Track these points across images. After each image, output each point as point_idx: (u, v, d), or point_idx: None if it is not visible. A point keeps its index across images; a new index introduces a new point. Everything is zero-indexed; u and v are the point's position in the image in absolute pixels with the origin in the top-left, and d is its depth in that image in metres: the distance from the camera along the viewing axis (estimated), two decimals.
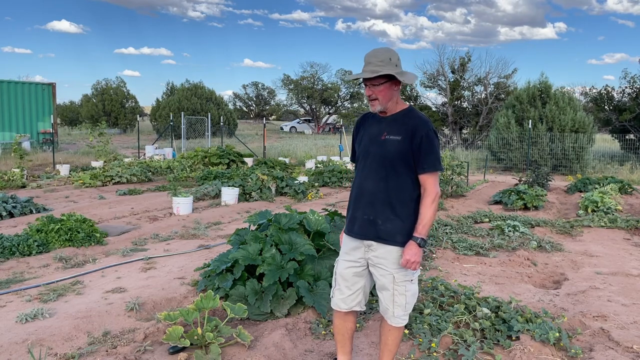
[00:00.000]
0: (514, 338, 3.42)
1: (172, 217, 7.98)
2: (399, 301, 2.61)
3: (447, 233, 6.79)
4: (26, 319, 3.64)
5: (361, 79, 2.56)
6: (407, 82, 2.50)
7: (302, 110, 52.59)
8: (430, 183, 2.52)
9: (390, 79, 2.52)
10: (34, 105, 20.99)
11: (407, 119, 2.57)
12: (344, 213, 3.34)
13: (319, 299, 3.79)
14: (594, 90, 23.89)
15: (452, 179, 10.45)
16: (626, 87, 22.22)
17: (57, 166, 13.82)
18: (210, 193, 10.00)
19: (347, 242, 2.73)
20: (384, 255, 2.59)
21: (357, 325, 3.60)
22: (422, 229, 2.52)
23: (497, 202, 9.89)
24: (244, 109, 58.61)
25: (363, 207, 2.61)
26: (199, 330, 3.21)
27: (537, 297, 4.48)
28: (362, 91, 39.67)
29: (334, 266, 2.84)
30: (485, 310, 3.67)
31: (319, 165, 15.76)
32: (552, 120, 17.41)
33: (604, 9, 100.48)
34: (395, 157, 2.52)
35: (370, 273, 2.70)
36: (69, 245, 5.82)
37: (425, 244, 2.55)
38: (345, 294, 2.71)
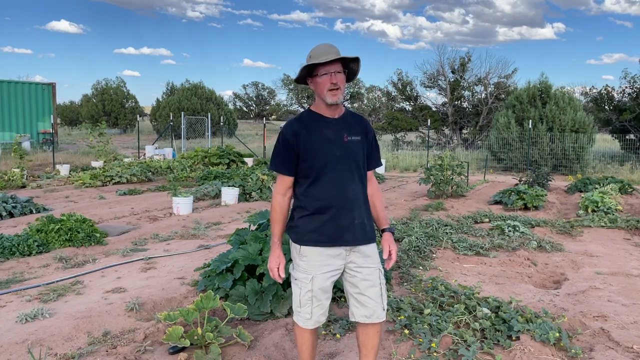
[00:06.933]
0: (514, 338, 3.42)
1: (172, 217, 7.98)
2: (384, 293, 2.58)
3: (447, 233, 6.78)
4: (26, 319, 3.64)
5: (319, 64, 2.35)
6: (356, 73, 2.50)
7: (302, 110, 52.52)
8: (373, 176, 2.70)
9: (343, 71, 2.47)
10: (34, 105, 21.00)
11: (356, 118, 2.59)
12: None
13: None
14: (594, 90, 23.88)
15: (452, 179, 10.44)
16: (626, 87, 22.22)
17: (57, 166, 13.82)
18: (210, 193, 10.00)
19: (321, 253, 2.48)
20: (369, 253, 2.53)
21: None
22: (387, 219, 2.69)
23: (497, 202, 9.88)
24: (244, 109, 58.58)
25: (352, 212, 2.48)
26: (199, 330, 3.21)
27: (537, 297, 4.48)
28: (363, 91, 39.23)
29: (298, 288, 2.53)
30: (486, 311, 3.66)
31: None
32: (552, 120, 17.40)
33: (602, 10, 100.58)
34: (360, 157, 2.54)
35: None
36: (69, 245, 5.82)
37: None
38: (325, 306, 2.55)
